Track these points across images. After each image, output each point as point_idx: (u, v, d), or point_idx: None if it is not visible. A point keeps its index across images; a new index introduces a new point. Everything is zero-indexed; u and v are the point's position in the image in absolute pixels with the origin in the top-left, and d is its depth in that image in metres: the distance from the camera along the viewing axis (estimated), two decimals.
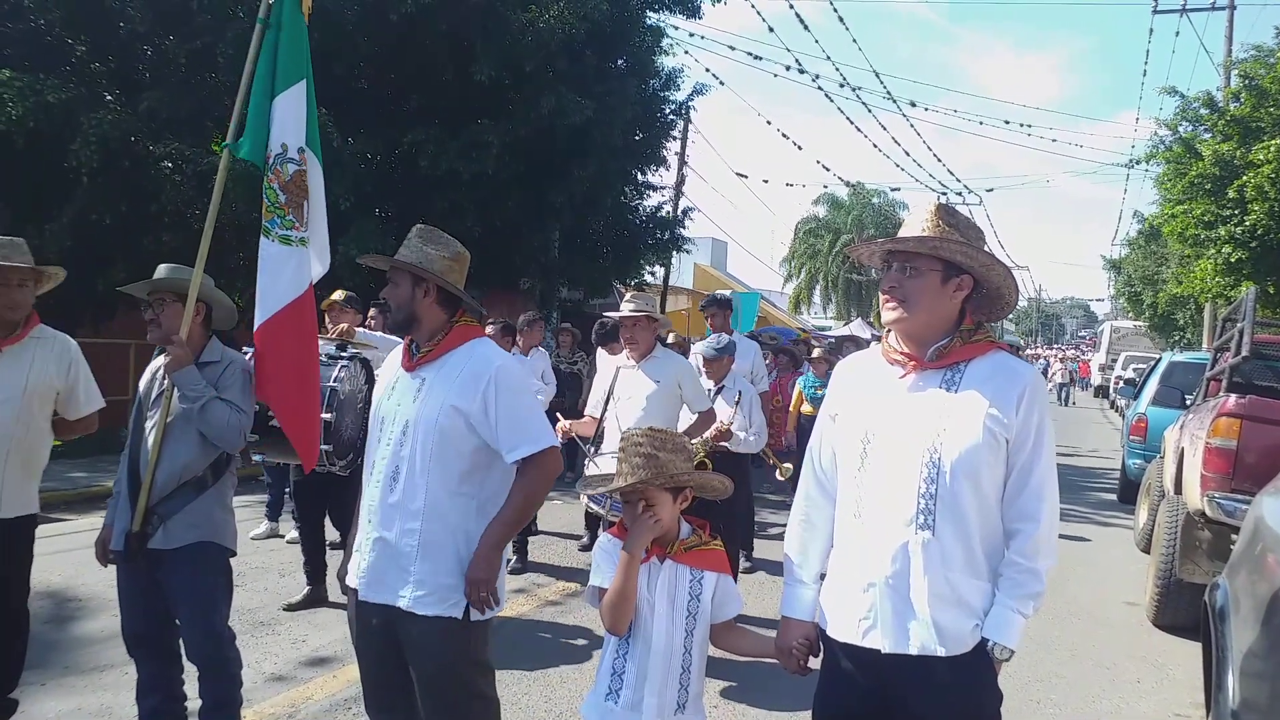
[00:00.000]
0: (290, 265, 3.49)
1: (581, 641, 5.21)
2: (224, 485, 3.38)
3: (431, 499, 2.64)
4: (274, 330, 3.43)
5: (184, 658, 3.40)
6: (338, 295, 6.02)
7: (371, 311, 6.78)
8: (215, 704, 3.34)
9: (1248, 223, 14.08)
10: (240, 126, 3.56)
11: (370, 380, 5.04)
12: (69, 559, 6.05)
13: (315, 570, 5.66)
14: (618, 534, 2.51)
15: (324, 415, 4.48)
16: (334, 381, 4.79)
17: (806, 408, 9.98)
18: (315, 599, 5.62)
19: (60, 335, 3.80)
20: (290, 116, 3.54)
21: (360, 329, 5.67)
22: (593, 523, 7.49)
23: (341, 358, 5.02)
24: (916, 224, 2.26)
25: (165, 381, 3.30)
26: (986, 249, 2.25)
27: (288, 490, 6.55)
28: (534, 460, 2.69)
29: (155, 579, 3.26)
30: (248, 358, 3.51)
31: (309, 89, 3.62)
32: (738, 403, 5.90)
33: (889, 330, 2.32)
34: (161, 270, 3.48)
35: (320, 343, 5.00)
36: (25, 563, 3.73)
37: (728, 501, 2.71)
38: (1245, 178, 13.86)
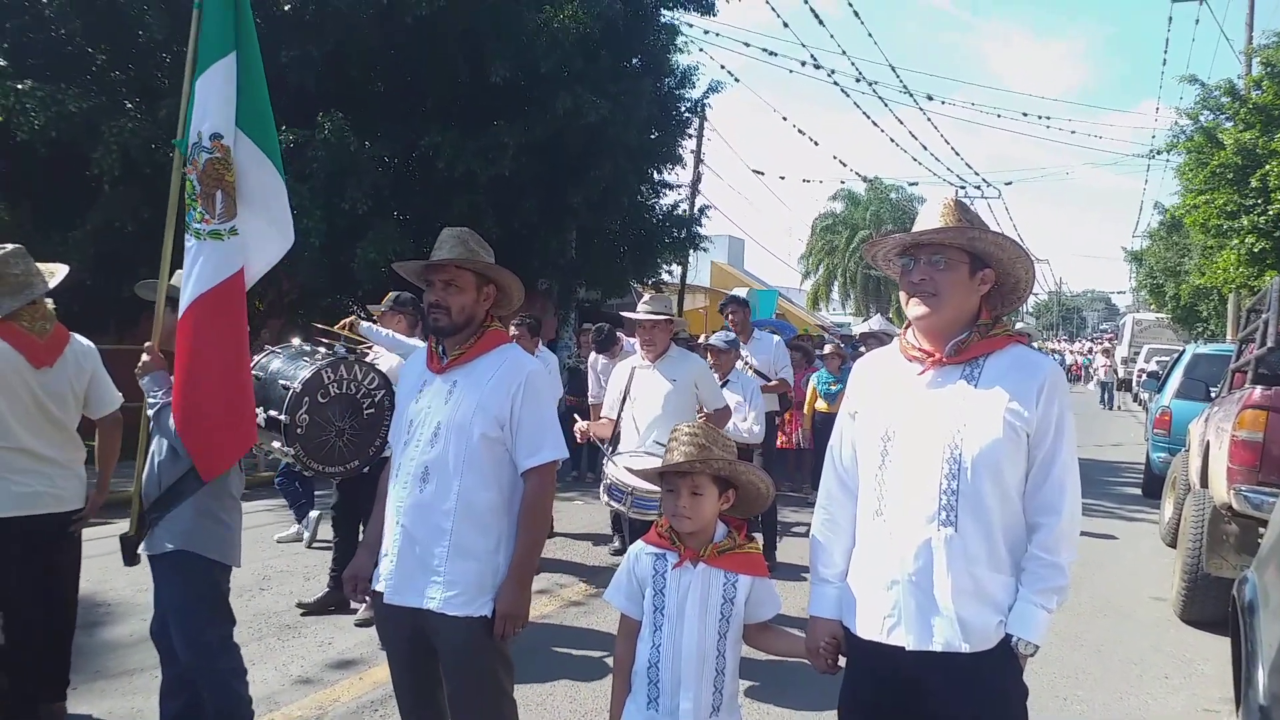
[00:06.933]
0: (199, 261, 3.24)
1: (605, 642, 5.21)
2: (209, 494, 3.28)
3: (463, 499, 2.65)
4: (183, 330, 3.23)
5: None
6: (386, 300, 5.72)
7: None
8: (217, 715, 3.30)
9: (1271, 212, 13.92)
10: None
11: (385, 387, 4.78)
12: (97, 564, 6.10)
13: (341, 573, 5.64)
14: (655, 542, 2.51)
15: (282, 417, 4.31)
16: (297, 383, 4.44)
17: (821, 404, 9.96)
18: (335, 600, 5.59)
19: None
20: (212, 98, 3.27)
21: (367, 324, 5.39)
22: (619, 526, 7.50)
23: (317, 359, 4.67)
24: (933, 218, 2.24)
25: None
26: (1013, 239, 2.25)
27: (318, 493, 6.53)
28: (543, 470, 2.72)
29: None
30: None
31: (243, 63, 3.31)
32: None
33: (908, 326, 2.32)
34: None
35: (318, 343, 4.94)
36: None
37: None
38: (1268, 166, 13.71)
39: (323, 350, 4.86)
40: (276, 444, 4.43)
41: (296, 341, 5.06)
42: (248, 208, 3.33)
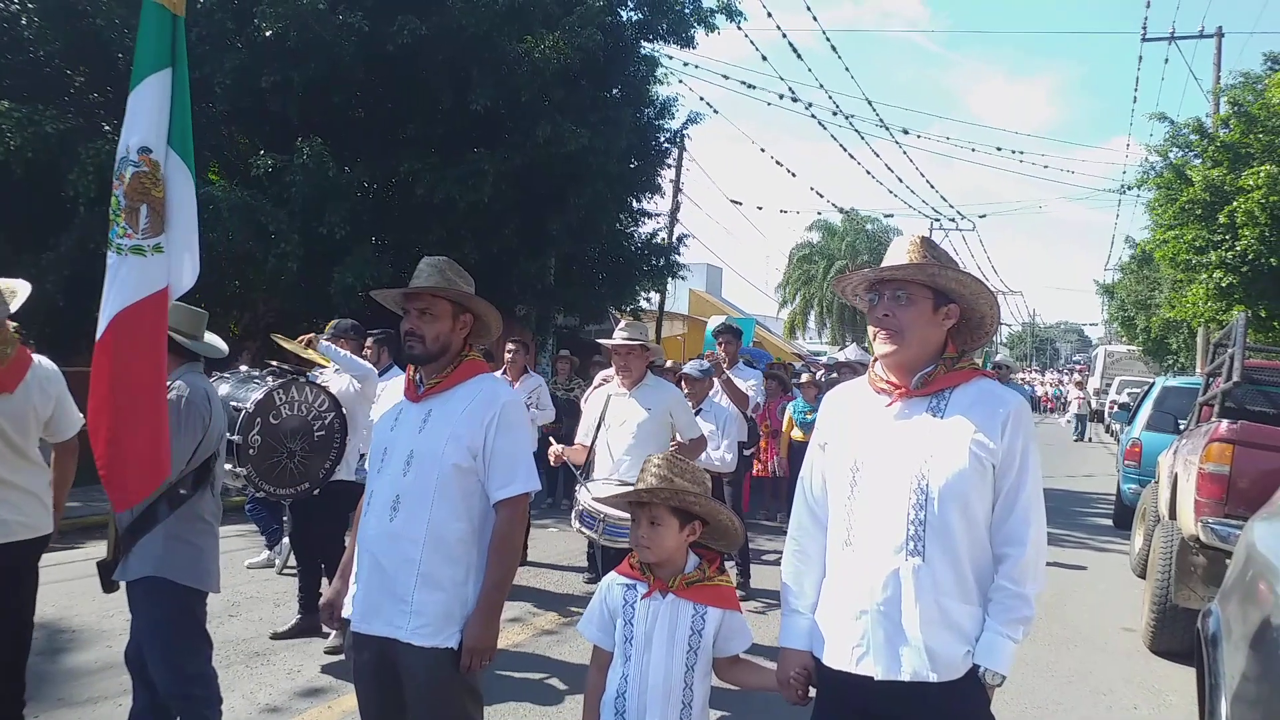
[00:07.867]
0: (118, 277, 3.12)
1: (576, 672, 5.19)
2: (180, 519, 3.27)
3: (433, 529, 2.64)
4: (102, 349, 3.11)
5: None
6: (329, 327, 5.79)
7: (368, 343, 6.56)
8: None
9: (1238, 248, 14.15)
10: None
11: (335, 409, 4.92)
12: (62, 590, 6.02)
13: (309, 599, 5.62)
14: (627, 572, 2.52)
15: (234, 437, 4.34)
16: (249, 403, 4.57)
17: (797, 433, 10.02)
18: (306, 628, 5.56)
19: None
20: (142, 112, 3.18)
21: (326, 342, 5.41)
22: (594, 554, 7.46)
23: (268, 381, 4.75)
24: (900, 254, 2.29)
25: None
26: (975, 276, 2.29)
27: (285, 519, 6.52)
28: (515, 501, 2.71)
29: None
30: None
31: (176, 81, 3.22)
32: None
33: (876, 359, 2.35)
34: None
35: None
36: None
37: None
38: (1235, 203, 13.96)
39: (271, 376, 4.90)
40: (227, 465, 4.43)
41: (244, 368, 5.13)
42: (174, 226, 3.21)
